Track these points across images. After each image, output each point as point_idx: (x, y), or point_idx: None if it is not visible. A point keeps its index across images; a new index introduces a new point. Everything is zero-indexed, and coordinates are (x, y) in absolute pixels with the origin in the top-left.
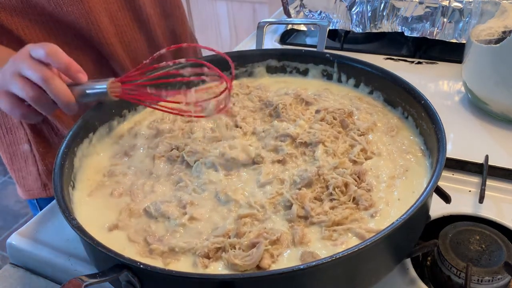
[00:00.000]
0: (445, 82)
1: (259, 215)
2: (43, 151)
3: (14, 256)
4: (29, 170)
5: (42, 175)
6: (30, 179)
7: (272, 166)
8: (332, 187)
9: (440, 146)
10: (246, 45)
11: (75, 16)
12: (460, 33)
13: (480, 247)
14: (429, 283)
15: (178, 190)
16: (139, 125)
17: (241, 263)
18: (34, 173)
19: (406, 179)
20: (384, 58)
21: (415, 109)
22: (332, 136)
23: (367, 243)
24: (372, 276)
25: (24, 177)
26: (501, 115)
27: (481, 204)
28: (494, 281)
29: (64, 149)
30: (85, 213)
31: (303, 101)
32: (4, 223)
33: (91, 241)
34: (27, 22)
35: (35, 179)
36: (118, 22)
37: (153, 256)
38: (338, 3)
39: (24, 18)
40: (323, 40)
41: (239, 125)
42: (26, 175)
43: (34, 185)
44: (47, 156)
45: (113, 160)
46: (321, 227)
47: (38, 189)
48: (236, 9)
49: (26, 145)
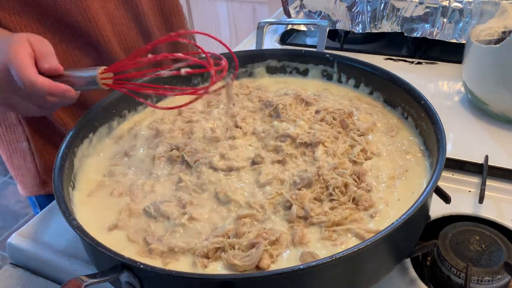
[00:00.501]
0: (445, 82)
1: (259, 216)
2: (41, 149)
3: (14, 256)
4: (28, 167)
5: (40, 172)
6: (29, 177)
7: (272, 166)
8: (332, 188)
9: (440, 147)
10: (246, 45)
11: (73, 15)
12: (460, 33)
13: (480, 247)
14: (429, 283)
15: (177, 190)
16: (139, 125)
17: (240, 264)
18: (33, 171)
19: (406, 179)
20: (384, 59)
21: (415, 109)
22: (332, 136)
23: (367, 243)
24: (372, 276)
25: (23, 174)
26: (501, 115)
27: (481, 204)
28: (494, 281)
29: (64, 149)
30: (85, 213)
31: (303, 101)
32: (4, 223)
33: (91, 241)
34: (24, 21)
35: (33, 176)
36: (115, 21)
37: (152, 256)
38: (338, 3)
39: (22, 17)
40: (323, 40)
41: (239, 125)
42: (25, 173)
43: (33, 182)
44: (45, 153)
45: (113, 161)
46: (320, 228)
47: (37, 186)
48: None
49: (24, 142)
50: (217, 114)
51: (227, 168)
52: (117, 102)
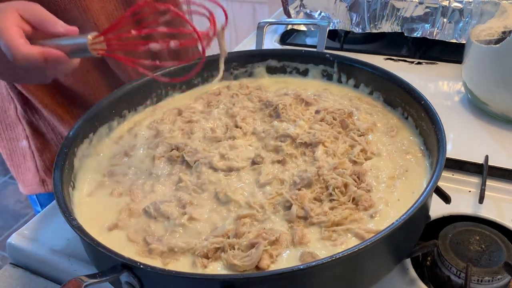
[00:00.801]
0: (445, 82)
1: (259, 216)
2: (40, 147)
3: (14, 256)
4: (28, 166)
5: (40, 171)
6: (29, 175)
7: (272, 166)
8: (332, 188)
9: (440, 147)
10: (246, 45)
11: (72, 14)
12: (460, 33)
13: (480, 247)
14: (429, 283)
15: (177, 190)
16: (139, 125)
17: (240, 264)
18: (33, 169)
19: (406, 179)
20: (384, 59)
21: (415, 109)
22: (332, 136)
23: (367, 243)
24: (372, 276)
25: (23, 173)
26: (501, 116)
27: (481, 204)
28: (494, 281)
29: (64, 149)
30: (85, 213)
31: (303, 101)
32: (4, 223)
33: (91, 241)
34: None
35: (33, 175)
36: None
37: (152, 256)
38: (338, 3)
39: None
40: (323, 40)
41: (239, 125)
42: (25, 171)
43: (33, 181)
44: (44, 152)
45: (113, 161)
46: (320, 228)
47: (37, 184)
48: (236, 9)
49: (24, 141)
50: (217, 114)
51: (227, 168)
52: (117, 102)
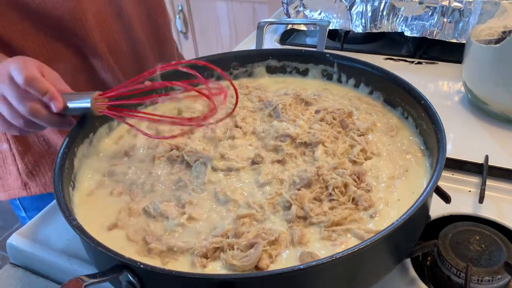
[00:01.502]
0: (445, 82)
1: (258, 216)
2: (22, 150)
3: (14, 256)
4: (9, 169)
5: (22, 174)
6: (10, 179)
7: (271, 166)
8: (332, 188)
9: (440, 146)
10: (246, 45)
11: (60, 12)
12: (460, 33)
13: (480, 247)
14: (429, 283)
15: (177, 190)
16: (138, 125)
17: (239, 264)
18: (14, 173)
19: (405, 179)
20: (384, 58)
21: (415, 109)
22: (331, 136)
23: (367, 243)
24: (372, 276)
25: (2, 177)
26: (501, 115)
27: (481, 204)
28: (494, 281)
29: (64, 149)
30: (85, 213)
31: (303, 101)
32: (4, 223)
33: (91, 241)
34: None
35: (15, 178)
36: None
37: (151, 255)
38: (338, 3)
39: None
40: (323, 40)
41: (239, 125)
42: (5, 175)
43: (15, 184)
44: (26, 155)
45: (113, 160)
46: (320, 228)
47: (19, 188)
48: (236, 9)
49: (5, 144)
50: (217, 114)
51: (226, 168)
52: None
